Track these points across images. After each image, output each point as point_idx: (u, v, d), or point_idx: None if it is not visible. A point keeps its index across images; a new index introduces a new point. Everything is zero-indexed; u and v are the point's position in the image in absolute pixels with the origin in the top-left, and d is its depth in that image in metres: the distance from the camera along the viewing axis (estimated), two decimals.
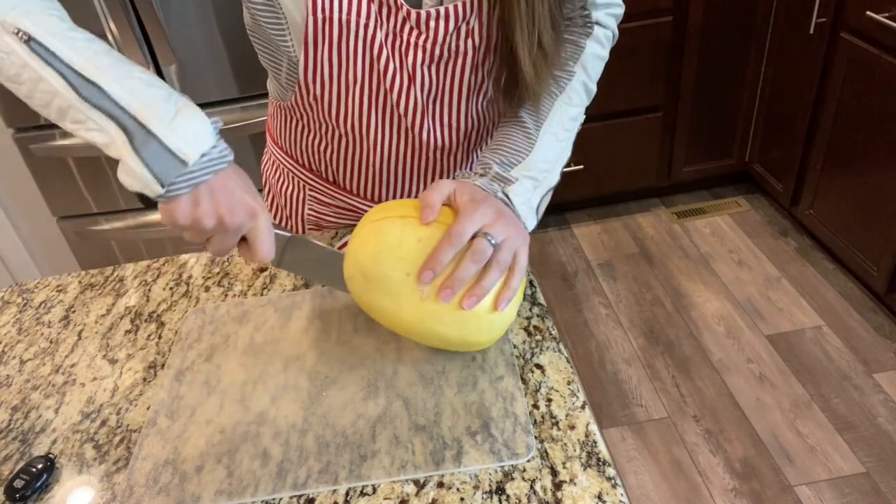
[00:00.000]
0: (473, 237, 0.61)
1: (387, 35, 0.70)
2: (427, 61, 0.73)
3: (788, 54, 2.11)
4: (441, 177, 0.87)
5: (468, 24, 0.71)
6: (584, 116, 0.81)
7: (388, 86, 0.74)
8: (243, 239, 0.63)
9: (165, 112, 0.57)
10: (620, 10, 0.82)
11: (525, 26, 0.67)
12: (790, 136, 2.16)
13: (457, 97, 0.78)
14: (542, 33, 0.68)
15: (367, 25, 0.69)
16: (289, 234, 0.67)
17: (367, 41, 0.70)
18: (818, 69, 1.96)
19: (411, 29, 0.70)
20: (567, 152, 0.77)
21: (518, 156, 0.72)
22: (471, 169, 0.80)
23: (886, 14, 1.67)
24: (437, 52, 0.72)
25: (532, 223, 0.70)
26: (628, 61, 2.15)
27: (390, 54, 0.72)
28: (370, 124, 0.79)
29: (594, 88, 0.80)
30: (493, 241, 0.61)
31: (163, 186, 0.56)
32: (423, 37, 0.71)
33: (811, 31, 1.93)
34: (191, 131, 0.57)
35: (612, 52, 0.84)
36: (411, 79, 0.74)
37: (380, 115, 0.78)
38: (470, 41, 0.72)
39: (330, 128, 0.81)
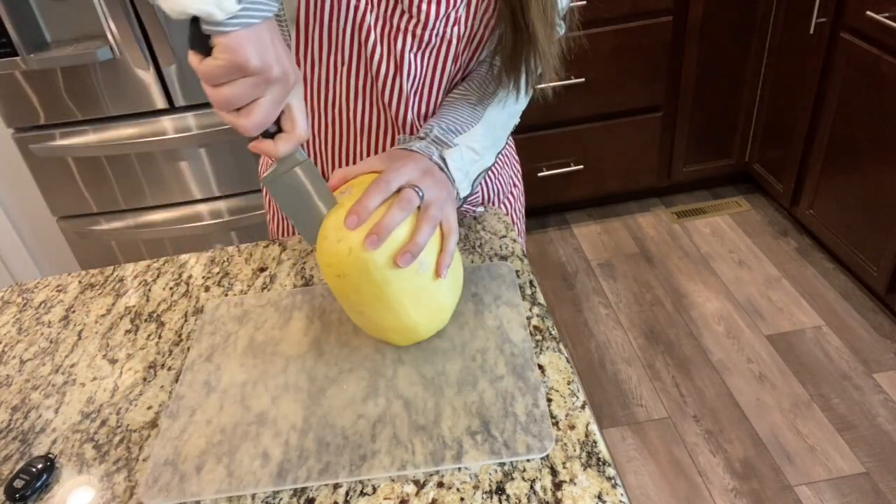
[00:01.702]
0: (400, 190, 0.62)
1: (377, 19, 0.71)
2: (415, 48, 0.74)
3: (788, 54, 2.11)
4: None
5: (457, 11, 0.72)
6: (519, 120, 0.84)
7: (374, 73, 0.75)
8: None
9: None
10: (561, 31, 0.82)
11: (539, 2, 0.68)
12: (790, 136, 2.16)
13: (437, 87, 0.79)
14: (551, 7, 0.70)
15: (357, 7, 0.70)
16: (305, 157, 0.62)
17: (357, 24, 0.71)
18: (818, 69, 1.96)
19: (402, 13, 0.71)
20: (502, 143, 0.80)
21: (463, 125, 0.74)
22: (411, 133, 0.81)
23: (886, 14, 1.67)
24: (425, 37, 0.73)
25: (465, 190, 0.72)
26: (628, 61, 2.15)
27: (378, 39, 0.72)
28: (356, 110, 0.79)
29: (531, 95, 0.83)
30: (420, 193, 0.61)
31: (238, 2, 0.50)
32: (413, 21, 0.71)
33: (811, 31, 1.93)
34: None
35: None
36: (398, 67, 0.75)
37: (366, 102, 0.78)
38: (456, 29, 0.73)
39: (317, 116, 0.82)
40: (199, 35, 0.52)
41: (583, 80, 2.10)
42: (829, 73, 1.93)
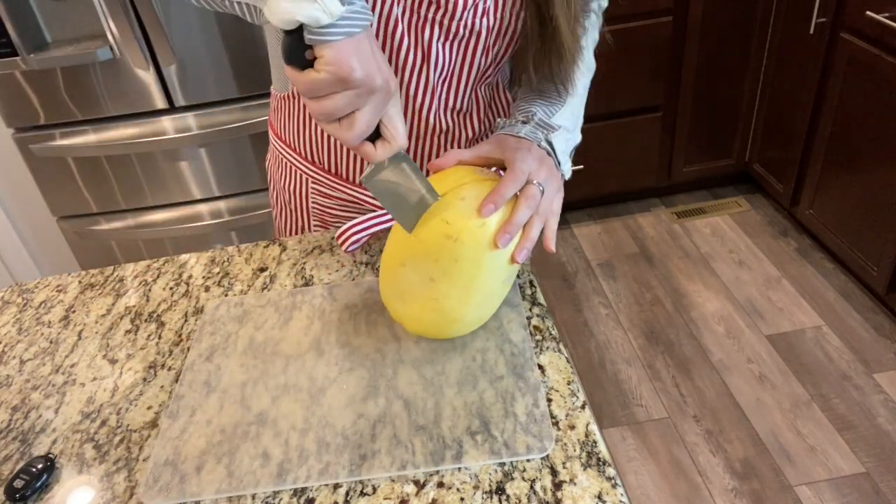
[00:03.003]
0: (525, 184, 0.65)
1: (404, 11, 0.71)
2: (442, 38, 0.74)
3: (788, 54, 2.11)
4: None
5: (485, 2, 0.72)
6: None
7: (401, 64, 0.74)
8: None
9: None
10: (606, 2, 0.85)
11: None
12: (790, 136, 2.16)
13: (465, 79, 0.79)
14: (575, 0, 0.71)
15: (384, 1, 0.70)
16: (403, 153, 0.62)
17: (384, 15, 0.71)
18: (818, 69, 1.96)
19: (430, 3, 0.71)
20: (581, 118, 0.81)
21: (554, 106, 0.76)
22: (508, 117, 0.81)
23: (886, 14, 1.67)
24: (453, 27, 0.73)
25: (568, 172, 0.74)
26: (628, 61, 2.15)
27: (405, 30, 0.72)
28: None
29: (594, 66, 0.84)
30: (542, 188, 0.65)
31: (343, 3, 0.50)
32: (440, 11, 0.72)
33: (811, 31, 1.93)
34: None
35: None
36: (425, 57, 0.75)
37: None
38: (485, 20, 0.74)
39: None
40: (297, 47, 0.52)
41: None
42: (829, 73, 1.93)
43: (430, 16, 0.72)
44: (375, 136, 0.60)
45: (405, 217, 0.63)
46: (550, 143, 0.71)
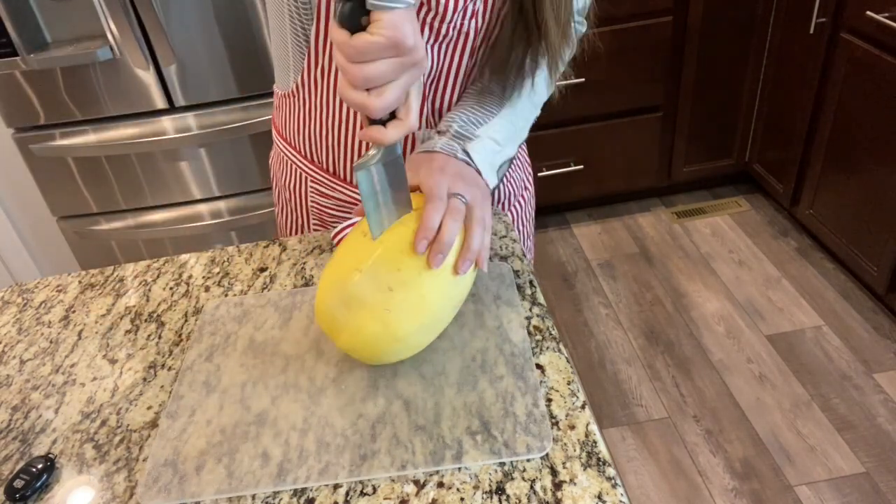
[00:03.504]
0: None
1: None
2: (432, 40, 0.74)
3: (788, 54, 2.11)
4: None
5: (475, 4, 0.72)
6: (540, 112, 0.84)
7: None
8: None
9: None
10: (583, 28, 0.84)
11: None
12: (790, 136, 2.16)
13: (452, 82, 0.80)
14: (564, 7, 0.71)
15: None
16: (400, 152, 0.62)
17: None
18: (818, 69, 1.96)
19: (421, 5, 0.71)
20: (524, 133, 0.80)
21: (484, 116, 0.75)
22: (434, 127, 0.81)
23: (886, 14, 1.67)
24: (443, 30, 0.73)
25: (492, 182, 0.73)
26: (628, 61, 2.15)
27: None
28: None
29: (554, 89, 0.83)
30: (464, 200, 0.64)
31: None
32: (431, 13, 0.72)
33: (811, 31, 1.93)
34: None
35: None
36: None
37: None
38: (473, 22, 0.74)
39: (330, 111, 0.82)
40: (354, 11, 0.52)
41: (583, 80, 2.10)
42: (829, 73, 1.93)
43: (420, 17, 0.72)
44: (388, 119, 0.59)
45: (376, 219, 0.62)
46: (468, 153, 0.70)
